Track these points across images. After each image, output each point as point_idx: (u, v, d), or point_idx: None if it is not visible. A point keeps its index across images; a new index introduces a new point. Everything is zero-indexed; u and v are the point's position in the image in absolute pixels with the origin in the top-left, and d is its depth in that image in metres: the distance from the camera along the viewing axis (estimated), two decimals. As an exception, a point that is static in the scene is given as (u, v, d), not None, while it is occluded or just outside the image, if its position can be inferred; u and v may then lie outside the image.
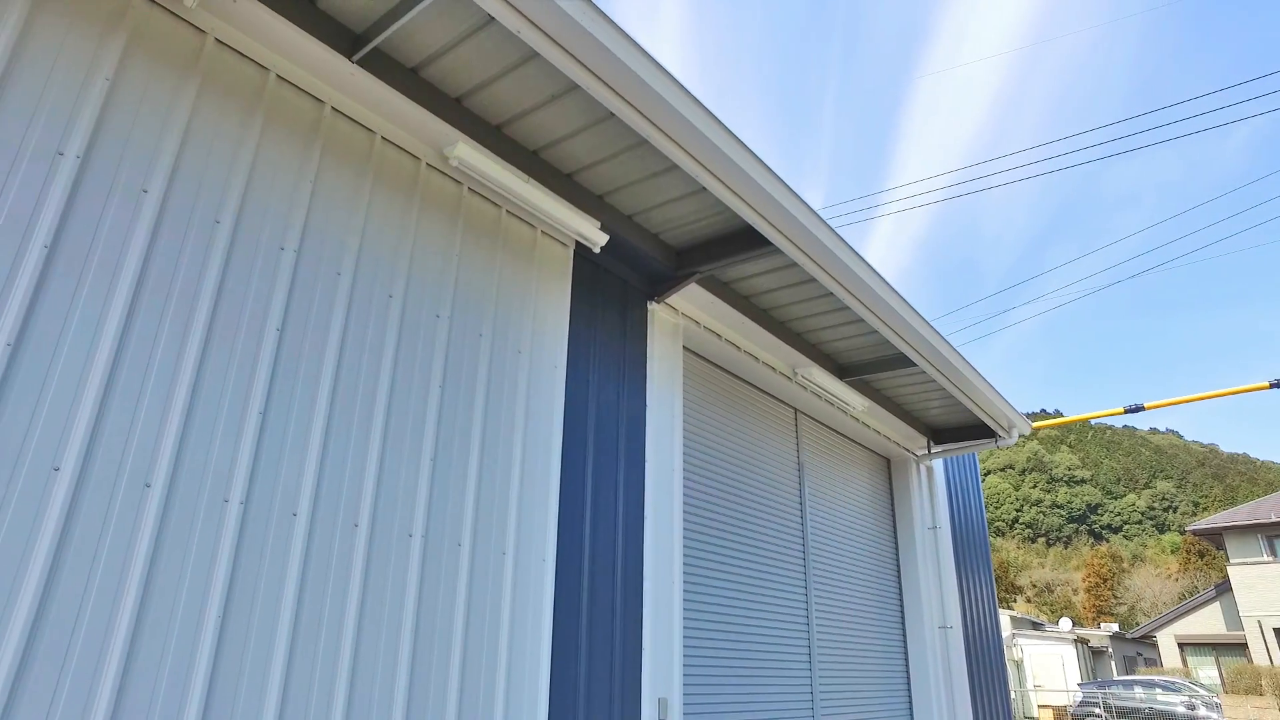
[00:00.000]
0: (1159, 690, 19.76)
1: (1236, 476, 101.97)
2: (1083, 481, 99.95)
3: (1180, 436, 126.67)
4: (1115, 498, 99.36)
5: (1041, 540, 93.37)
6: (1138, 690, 20.18)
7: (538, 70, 3.81)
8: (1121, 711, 19.97)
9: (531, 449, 4.29)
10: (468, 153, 4.07)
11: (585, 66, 3.52)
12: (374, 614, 3.30)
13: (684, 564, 5.43)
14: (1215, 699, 18.73)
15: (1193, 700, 18.83)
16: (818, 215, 4.92)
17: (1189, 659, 28.43)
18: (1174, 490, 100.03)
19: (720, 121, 4.07)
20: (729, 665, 5.78)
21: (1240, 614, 24.61)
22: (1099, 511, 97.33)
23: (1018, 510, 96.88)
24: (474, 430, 3.98)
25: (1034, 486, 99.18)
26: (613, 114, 3.96)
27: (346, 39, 3.61)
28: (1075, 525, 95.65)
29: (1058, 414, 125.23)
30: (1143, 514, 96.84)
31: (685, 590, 5.43)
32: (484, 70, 3.87)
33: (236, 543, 2.90)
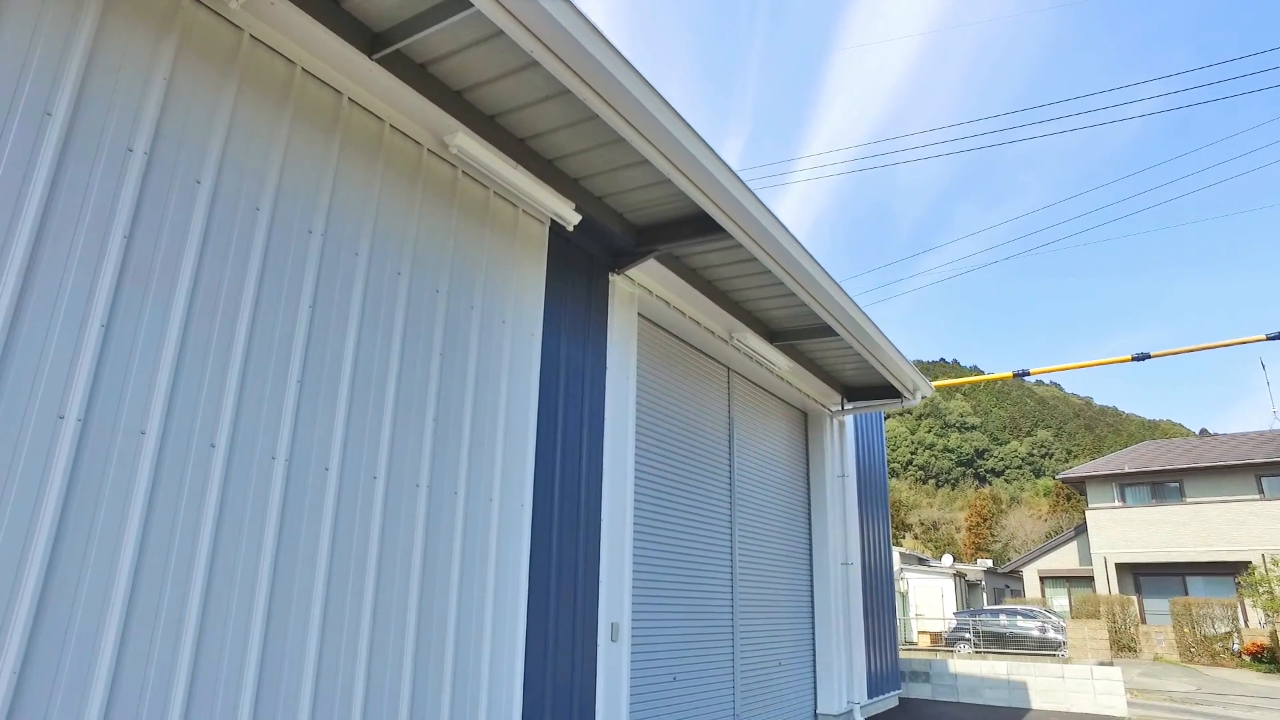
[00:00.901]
0: (1019, 617, 22.47)
1: (1105, 428, 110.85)
2: (973, 428, 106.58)
3: (1061, 389, 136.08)
4: (1001, 444, 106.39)
5: (932, 482, 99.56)
6: (1002, 617, 22.87)
7: (536, 75, 4.25)
8: (987, 636, 22.52)
9: (513, 410, 4.87)
10: (466, 141, 4.50)
11: (585, 81, 4.00)
12: (389, 557, 3.88)
13: (634, 506, 6.16)
14: (1062, 623, 21.51)
15: (1044, 625, 21.61)
16: (765, 206, 5.55)
17: (1047, 590, 31.95)
18: (1051, 439, 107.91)
19: (692, 127, 4.61)
20: (666, 593, 6.62)
21: (1091, 551, 27.81)
22: (985, 457, 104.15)
23: (912, 453, 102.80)
24: (467, 396, 4.53)
25: (929, 431, 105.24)
26: (596, 115, 4.43)
27: (366, 37, 3.96)
28: (963, 469, 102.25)
29: (955, 364, 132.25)
30: (1023, 460, 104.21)
31: (635, 528, 6.18)
32: (488, 71, 4.28)
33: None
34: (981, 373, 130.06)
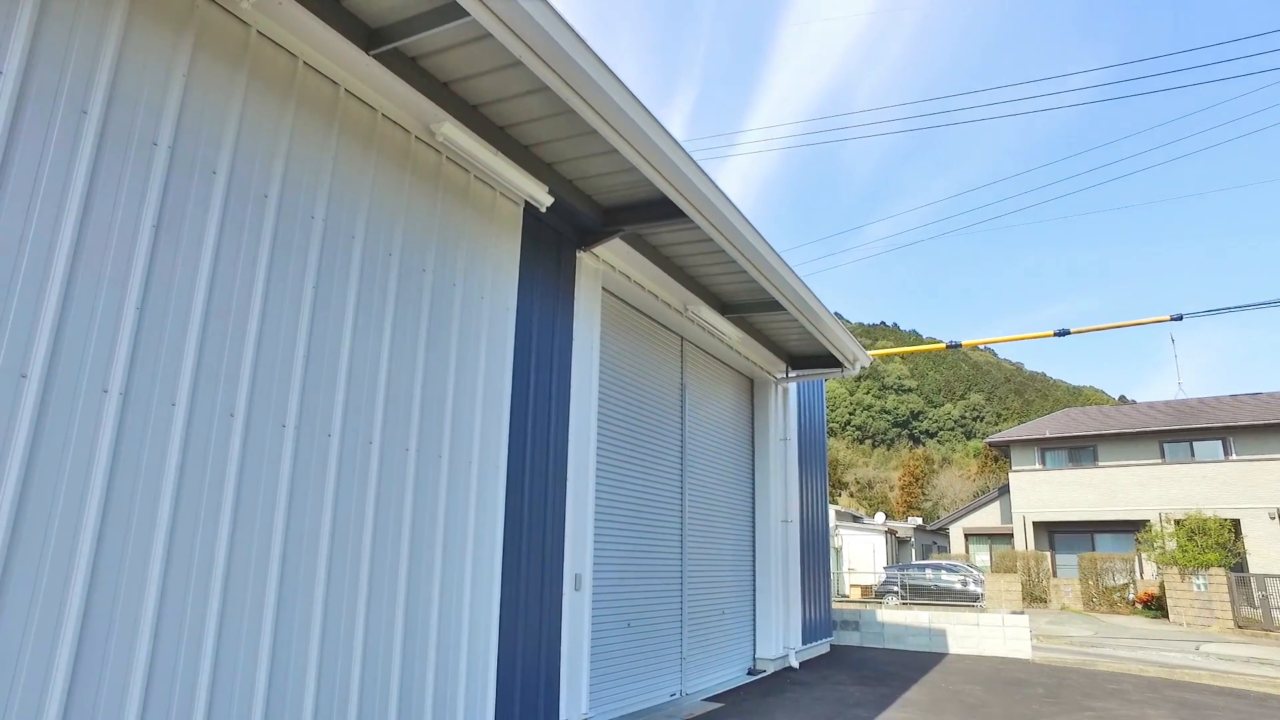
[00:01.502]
0: (944, 572, 24.02)
1: (1033, 393, 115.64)
2: (909, 391, 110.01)
3: (994, 355, 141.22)
4: (935, 406, 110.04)
5: (869, 441, 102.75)
6: (928, 571, 24.40)
7: (521, 73, 4.58)
8: (914, 588, 24.00)
9: (490, 379, 5.28)
10: (451, 130, 4.82)
11: (565, 81, 4.37)
12: (383, 515, 4.30)
13: (596, 466, 6.67)
14: (981, 577, 23.13)
15: (966, 578, 23.18)
16: (723, 192, 6.00)
17: (971, 546, 33.97)
18: (983, 402, 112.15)
19: (659, 122, 5.02)
20: (623, 546, 7.18)
21: (1012, 511, 29.67)
22: (920, 418, 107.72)
23: (851, 413, 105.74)
24: (449, 367, 4.93)
25: (867, 393, 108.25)
26: (573, 109, 4.78)
27: (364, 34, 4.24)
28: (899, 429, 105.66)
29: (895, 327, 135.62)
30: (955, 422, 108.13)
31: (596, 488, 6.69)
32: (475, 67, 4.61)
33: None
34: (920, 337, 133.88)
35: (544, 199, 5.69)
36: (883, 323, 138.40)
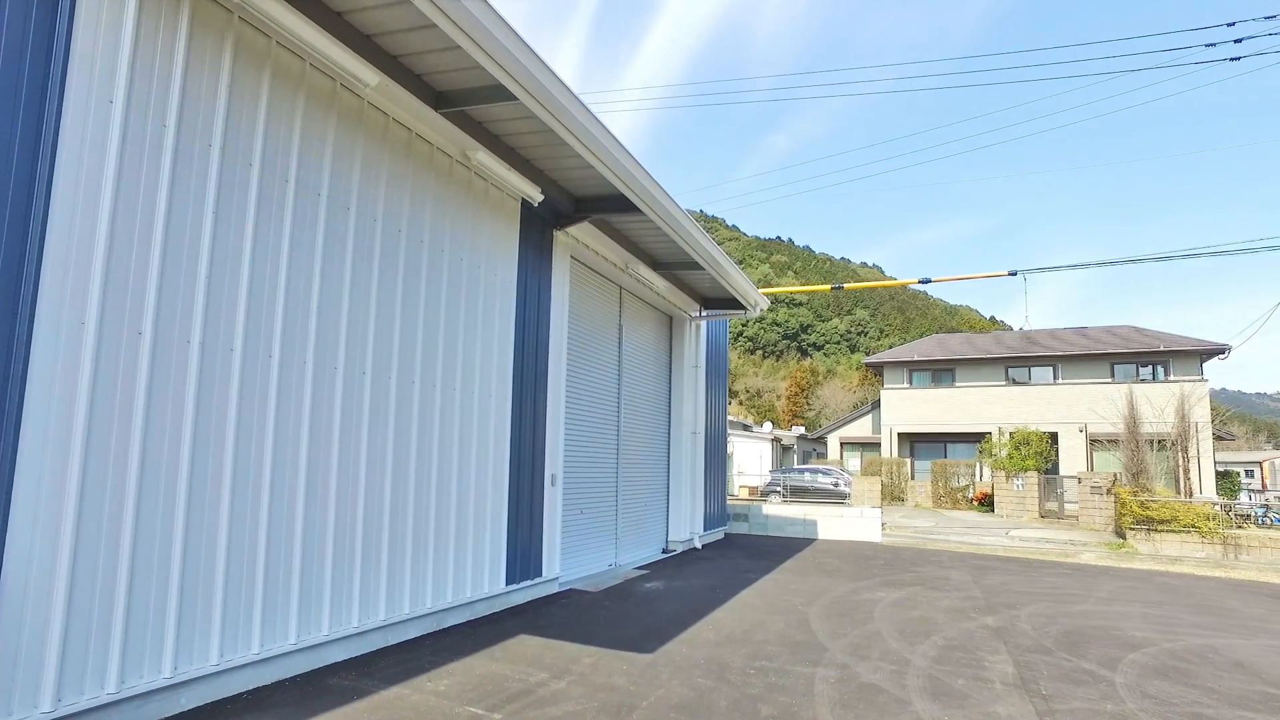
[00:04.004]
0: (820, 475, 27.79)
1: (914, 311, 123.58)
2: (799, 304, 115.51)
3: (882, 271, 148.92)
4: (824, 320, 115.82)
5: (759, 353, 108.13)
6: (806, 474, 28.13)
7: (536, 122, 6.36)
8: (794, 489, 27.65)
9: (501, 332, 7.23)
10: (483, 156, 6.59)
11: (563, 124, 6.21)
12: (445, 434, 6.29)
13: (566, 392, 8.74)
14: (850, 478, 27.00)
15: (837, 480, 27.01)
16: (664, 189, 7.98)
17: (845, 453, 38.50)
18: (868, 318, 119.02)
19: (620, 142, 6.92)
20: (578, 452, 9.38)
21: (881, 423, 33.92)
22: (808, 332, 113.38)
23: (743, 325, 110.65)
24: (476, 325, 6.85)
25: (763, 294, 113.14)
26: (553, 130, 6.59)
27: (431, 94, 5.93)
28: (788, 342, 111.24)
29: (790, 242, 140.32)
30: (841, 336, 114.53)
31: (566, 408, 8.79)
32: (504, 114, 6.36)
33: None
34: (812, 251, 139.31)
35: (536, 196, 7.53)
36: (778, 238, 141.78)
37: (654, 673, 5.30)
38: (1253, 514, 18.96)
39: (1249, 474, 61.84)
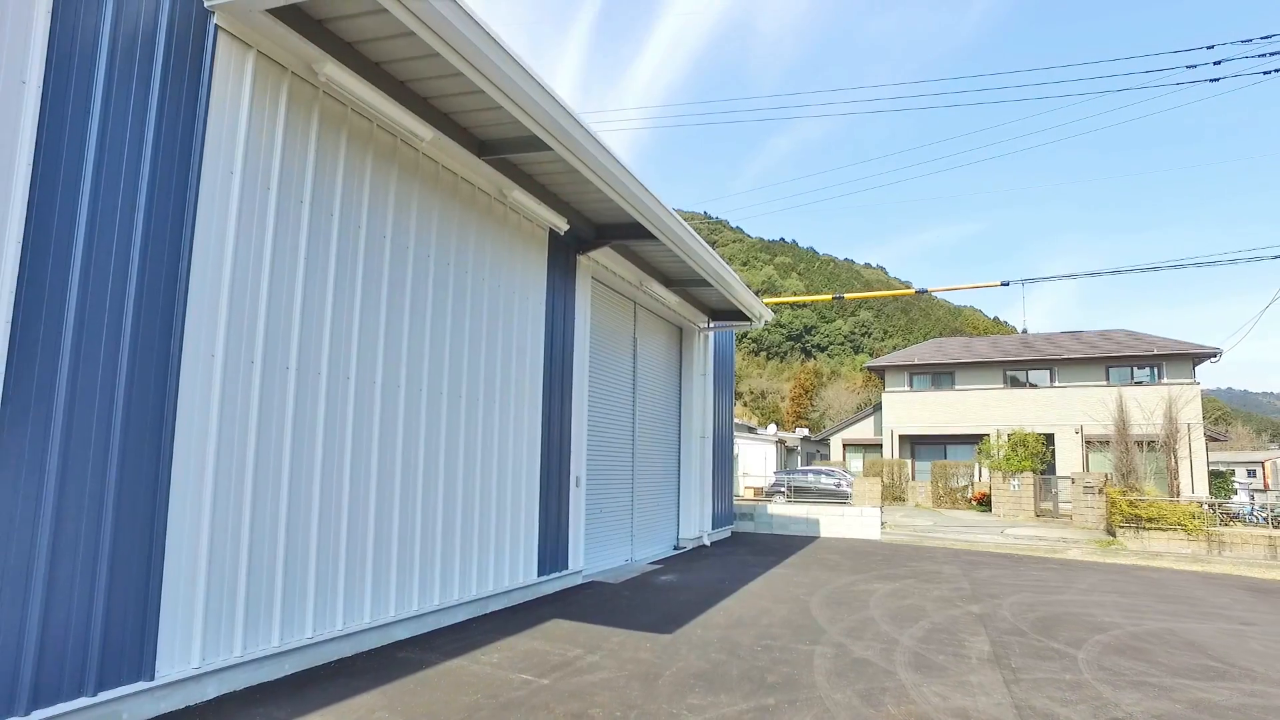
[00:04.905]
0: (822, 476, 28.65)
1: (918, 312, 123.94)
2: (803, 306, 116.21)
3: (886, 272, 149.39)
4: (827, 321, 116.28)
5: (764, 354, 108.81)
6: (809, 475, 28.99)
7: (563, 164, 7.18)
8: (797, 489, 28.46)
9: (533, 349, 8.05)
10: (518, 194, 7.42)
11: (587, 166, 7.03)
12: (487, 442, 7.12)
13: (588, 398, 9.56)
14: (851, 479, 27.83)
15: (839, 481, 27.85)
16: (678, 217, 8.80)
17: (848, 455, 39.34)
18: (872, 319, 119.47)
19: (632, 172, 7.73)
20: (598, 456, 10.20)
21: (883, 425, 34.74)
22: (812, 333, 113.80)
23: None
24: (512, 344, 7.67)
25: (764, 302, 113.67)
26: (586, 178, 7.41)
27: (476, 143, 6.76)
28: (792, 343, 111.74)
29: (794, 244, 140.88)
30: (845, 337, 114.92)
31: (588, 414, 9.61)
32: (538, 159, 7.18)
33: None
34: (816, 253, 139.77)
35: (563, 226, 8.36)
36: (782, 239, 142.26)
37: (674, 649, 6.12)
38: (1241, 513, 19.72)
39: (1251, 473, 62.47)
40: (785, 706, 4.77)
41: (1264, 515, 19.51)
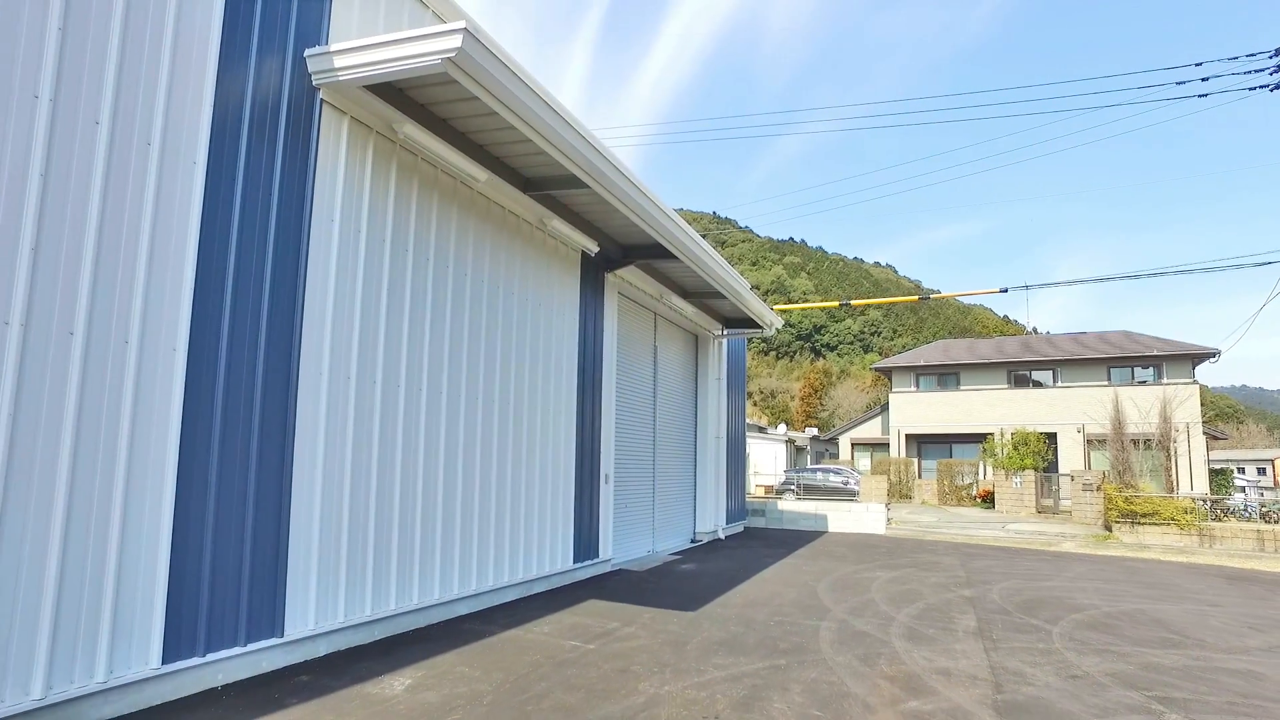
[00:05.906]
0: (831, 474, 29.49)
1: (927, 310, 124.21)
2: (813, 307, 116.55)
3: (895, 271, 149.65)
4: (837, 321, 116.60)
5: (773, 354, 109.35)
6: (818, 474, 29.83)
7: (595, 196, 8.10)
8: (807, 487, 29.32)
9: (568, 360, 8.97)
10: (557, 223, 8.35)
11: (617, 199, 7.94)
12: (530, 442, 8.05)
13: (615, 402, 10.49)
14: (859, 477, 28.67)
15: (847, 479, 28.69)
16: (698, 238, 9.71)
17: (856, 453, 40.21)
18: (881, 318, 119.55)
19: (657, 202, 8.64)
20: (623, 455, 11.12)
21: (890, 425, 35.58)
22: (822, 332, 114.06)
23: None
24: (551, 356, 8.59)
25: (773, 306, 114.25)
26: (615, 208, 8.32)
27: (521, 180, 7.69)
28: (801, 343, 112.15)
29: (804, 243, 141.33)
30: (855, 336, 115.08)
31: (616, 417, 10.54)
32: (581, 197, 8.10)
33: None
34: (825, 252, 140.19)
35: (593, 248, 9.29)
36: (790, 238, 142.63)
37: (698, 623, 7.04)
38: (1236, 508, 20.47)
39: (1261, 471, 62.74)
40: (795, 665, 5.69)
41: (1257, 510, 20.28)
